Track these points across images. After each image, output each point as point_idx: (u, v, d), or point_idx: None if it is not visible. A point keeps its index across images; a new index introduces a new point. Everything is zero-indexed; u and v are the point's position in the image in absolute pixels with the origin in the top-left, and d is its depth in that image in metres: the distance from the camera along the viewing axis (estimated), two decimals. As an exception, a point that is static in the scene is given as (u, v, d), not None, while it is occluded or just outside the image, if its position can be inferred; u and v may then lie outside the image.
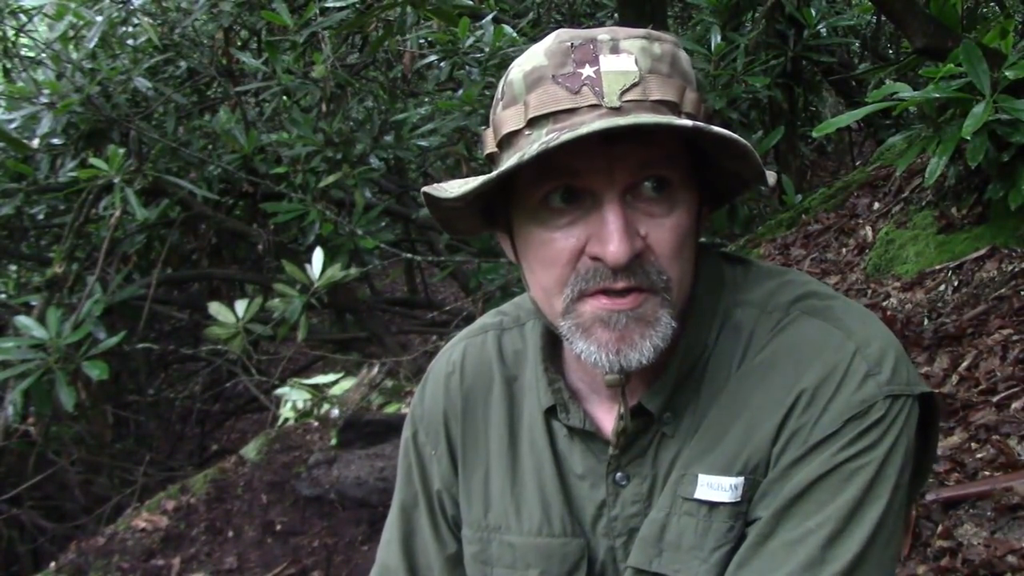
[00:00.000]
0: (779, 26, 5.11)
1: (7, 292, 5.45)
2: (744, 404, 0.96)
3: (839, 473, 0.92)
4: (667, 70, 0.91)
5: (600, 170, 0.89)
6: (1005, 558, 1.91)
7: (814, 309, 0.98)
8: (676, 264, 0.93)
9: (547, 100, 0.89)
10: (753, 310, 1.00)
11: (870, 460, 0.92)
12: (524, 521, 1.07)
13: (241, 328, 3.82)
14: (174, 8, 5.26)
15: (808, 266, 3.87)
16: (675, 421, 1.00)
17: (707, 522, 0.96)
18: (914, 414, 0.95)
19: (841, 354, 0.94)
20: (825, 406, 0.93)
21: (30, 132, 4.67)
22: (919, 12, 3.08)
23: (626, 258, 0.88)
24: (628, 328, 0.92)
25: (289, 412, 3.86)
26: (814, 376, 0.94)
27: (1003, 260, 3.01)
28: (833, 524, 0.91)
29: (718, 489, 0.96)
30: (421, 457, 1.16)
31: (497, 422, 1.10)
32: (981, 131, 2.62)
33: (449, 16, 4.49)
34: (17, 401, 3.81)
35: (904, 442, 0.94)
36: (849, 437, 0.92)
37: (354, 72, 5.60)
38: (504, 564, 1.08)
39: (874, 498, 0.92)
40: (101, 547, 3.20)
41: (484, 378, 1.12)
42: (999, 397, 2.42)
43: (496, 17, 4.88)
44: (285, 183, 4.75)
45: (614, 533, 1.03)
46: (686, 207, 0.94)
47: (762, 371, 0.97)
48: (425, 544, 1.15)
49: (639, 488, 1.01)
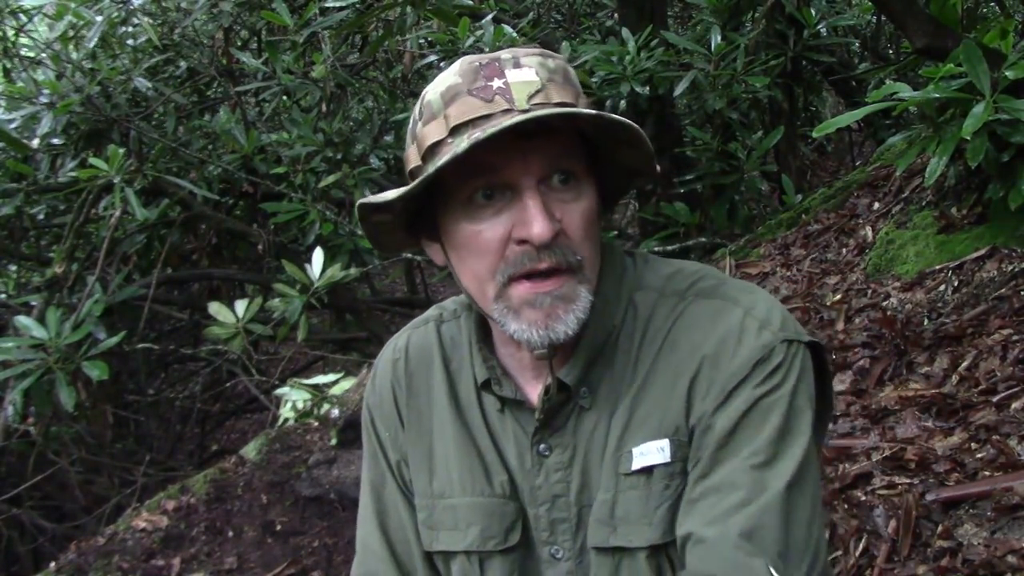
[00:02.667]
0: (779, 26, 5.11)
1: (7, 292, 5.45)
2: (655, 379, 1.09)
3: (758, 409, 1.03)
4: (561, 80, 1.05)
5: (516, 164, 1.02)
6: (1005, 558, 1.91)
7: (705, 291, 1.11)
8: (587, 245, 1.06)
9: (465, 110, 1.02)
10: (653, 294, 1.13)
11: (782, 395, 1.04)
12: (466, 484, 1.17)
13: (241, 328, 3.82)
14: (174, 8, 5.26)
15: (808, 266, 3.87)
16: (591, 395, 1.11)
17: (647, 488, 1.07)
18: (808, 359, 1.08)
19: (734, 320, 1.07)
20: (731, 360, 1.05)
21: (30, 132, 4.67)
22: (919, 12, 3.09)
23: (549, 235, 1.01)
24: (553, 306, 1.05)
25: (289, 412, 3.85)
26: (713, 341, 1.06)
27: (1003, 260, 3.01)
28: (764, 452, 1.02)
29: (649, 454, 1.07)
30: (380, 440, 1.26)
31: (439, 399, 1.22)
32: (981, 131, 2.62)
33: (449, 16, 4.49)
34: (17, 401, 3.81)
35: (806, 381, 1.07)
36: (760, 378, 1.04)
37: (354, 72, 5.60)
38: (447, 527, 1.18)
39: (794, 426, 1.04)
40: (101, 547, 3.20)
41: (426, 361, 1.24)
42: (999, 397, 2.42)
43: (496, 17, 4.87)
44: (285, 183, 4.75)
45: (538, 502, 1.14)
46: (589, 195, 1.08)
47: (667, 350, 1.09)
48: (399, 517, 1.24)
49: (561, 457, 1.12)
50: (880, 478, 2.28)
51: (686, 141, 5.23)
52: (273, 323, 3.95)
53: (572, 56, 4.74)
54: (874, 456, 2.37)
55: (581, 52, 4.78)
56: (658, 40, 4.68)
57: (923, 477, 2.24)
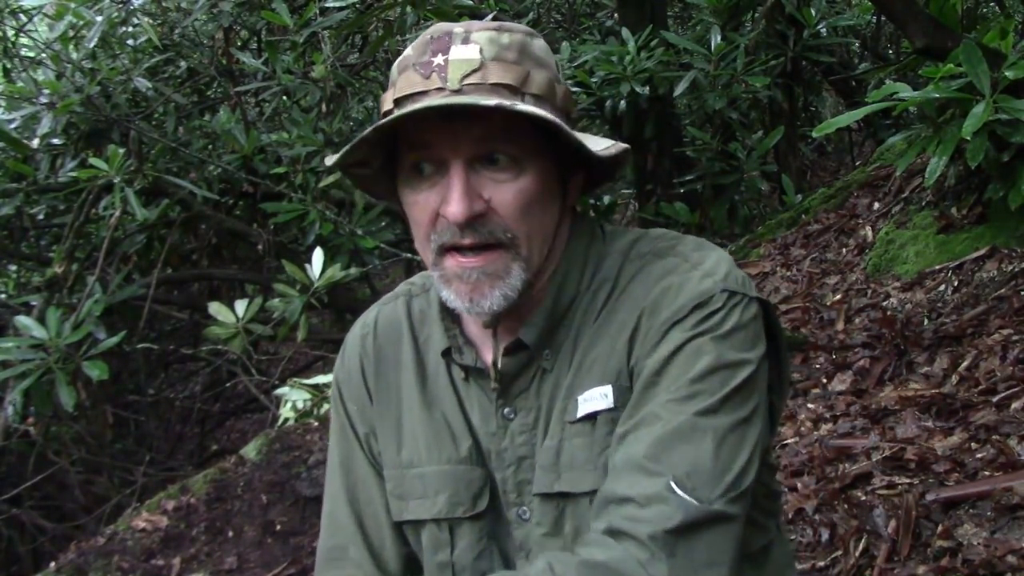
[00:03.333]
0: (779, 26, 5.11)
1: (7, 292, 5.44)
2: (604, 331, 1.11)
3: (688, 349, 1.04)
4: (514, 57, 1.06)
5: (446, 142, 1.04)
6: (1005, 558, 1.91)
7: (662, 251, 1.14)
8: (523, 222, 1.07)
9: (406, 84, 1.06)
10: (618, 258, 1.15)
11: (715, 337, 1.04)
12: (433, 452, 1.18)
13: (241, 328, 3.82)
14: (174, 8, 5.25)
15: (808, 266, 3.87)
16: (553, 357, 1.13)
17: (591, 435, 1.09)
18: (757, 314, 1.09)
19: (680, 272, 1.09)
20: (670, 306, 1.07)
21: (30, 132, 4.66)
22: (919, 12, 3.08)
23: (463, 216, 1.03)
24: (479, 281, 1.06)
25: (289, 412, 3.85)
26: (657, 292, 1.09)
27: (1003, 260, 3.01)
28: (688, 388, 1.02)
29: (592, 400, 1.09)
30: (349, 414, 1.27)
31: (407, 370, 1.23)
32: (981, 131, 2.62)
33: (449, 16, 4.49)
34: (17, 401, 3.81)
35: (748, 331, 1.07)
36: (695, 320, 1.05)
37: (354, 72, 5.60)
38: (416, 495, 1.19)
39: (727, 370, 1.03)
40: (101, 547, 3.20)
41: (395, 335, 1.26)
42: (999, 397, 2.42)
43: (496, 17, 4.87)
44: (285, 183, 4.75)
45: (504, 464, 1.15)
46: (535, 175, 1.07)
47: (619, 304, 1.11)
48: (368, 491, 1.24)
49: (525, 420, 1.14)
50: (880, 478, 2.28)
51: (686, 141, 5.23)
52: (273, 323, 3.95)
53: (572, 56, 4.74)
54: (874, 456, 2.37)
55: (581, 52, 4.79)
56: (658, 40, 4.68)
57: (923, 477, 2.24)
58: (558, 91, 1.10)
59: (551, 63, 1.11)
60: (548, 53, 1.11)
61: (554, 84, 1.09)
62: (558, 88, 1.10)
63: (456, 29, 1.07)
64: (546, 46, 1.12)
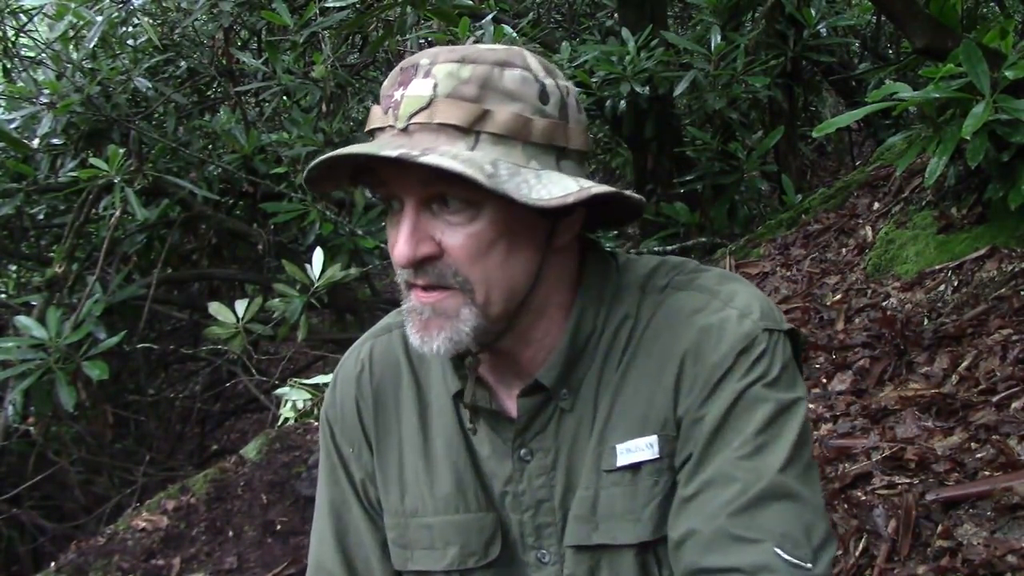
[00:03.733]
0: (779, 26, 5.11)
1: (7, 292, 5.45)
2: (639, 375, 1.07)
3: (745, 400, 1.01)
4: (472, 92, 0.98)
5: (398, 183, 1.01)
6: (1005, 558, 1.91)
7: (682, 284, 1.10)
8: (476, 268, 1.01)
9: (374, 118, 1.04)
10: (635, 292, 1.10)
11: (768, 383, 1.02)
12: (439, 501, 1.14)
13: (241, 328, 3.81)
14: (174, 8, 5.26)
15: (808, 266, 3.87)
16: (572, 396, 1.09)
17: (633, 485, 1.05)
18: (789, 344, 1.07)
19: (713, 311, 1.06)
20: (713, 351, 1.03)
21: (30, 132, 4.66)
22: (919, 12, 3.08)
23: (405, 260, 1.00)
24: (429, 320, 1.03)
25: (289, 412, 3.85)
26: (694, 334, 1.05)
27: (1003, 260, 3.01)
28: (754, 442, 1.00)
29: (636, 451, 1.05)
30: (342, 456, 1.22)
31: (408, 412, 1.18)
32: (981, 131, 2.62)
33: (449, 16, 4.49)
34: (17, 401, 3.81)
35: (792, 368, 1.06)
36: (744, 367, 1.02)
37: (354, 72, 5.61)
38: (422, 546, 1.15)
39: (784, 413, 1.02)
40: (101, 547, 3.20)
41: (392, 372, 1.20)
42: (999, 397, 2.42)
43: (496, 17, 4.87)
44: (285, 183, 4.75)
45: (521, 508, 1.11)
46: (493, 218, 1.00)
47: (648, 345, 1.07)
48: (359, 538, 1.20)
49: (543, 461, 1.10)
50: (880, 478, 2.28)
51: (686, 141, 5.23)
52: (273, 323, 3.95)
53: (572, 56, 4.74)
54: (874, 456, 2.37)
55: (581, 52, 4.78)
56: (658, 40, 4.68)
57: (923, 477, 2.24)
58: (536, 126, 1.00)
59: (526, 95, 1.00)
60: (524, 84, 1.00)
61: (528, 119, 0.99)
62: (537, 122, 1.00)
63: (422, 60, 1.01)
64: (523, 76, 1.01)
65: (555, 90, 1.03)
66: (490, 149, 0.98)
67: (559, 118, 1.02)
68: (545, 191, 0.97)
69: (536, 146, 1.00)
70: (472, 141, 0.98)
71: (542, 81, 1.02)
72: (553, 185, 0.98)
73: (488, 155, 0.97)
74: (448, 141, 0.97)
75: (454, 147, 0.97)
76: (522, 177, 0.97)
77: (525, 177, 0.97)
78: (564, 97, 1.03)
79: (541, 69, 1.03)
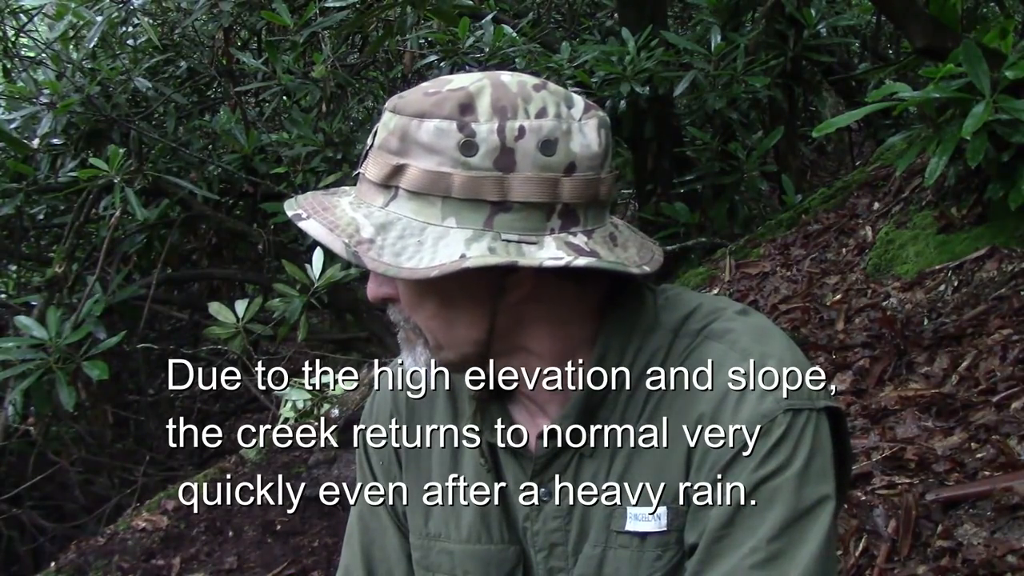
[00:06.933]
0: (779, 26, 5.10)
1: (7, 292, 5.45)
2: (658, 434, 1.01)
3: (760, 494, 0.93)
4: (395, 146, 0.95)
5: None
6: (1005, 558, 1.91)
7: (715, 333, 1.02)
8: (419, 316, 1.02)
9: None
10: (668, 334, 1.03)
11: (788, 477, 0.93)
12: (463, 529, 1.12)
13: (241, 328, 3.81)
14: (174, 8, 5.26)
15: (808, 266, 3.87)
16: (592, 441, 1.04)
17: (639, 552, 1.01)
18: (823, 427, 0.96)
19: (736, 375, 0.97)
20: (728, 423, 0.95)
21: (30, 132, 4.66)
22: (919, 12, 3.09)
23: (370, 299, 1.03)
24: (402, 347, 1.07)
25: (289, 412, 3.85)
26: (713, 398, 0.97)
27: (1003, 260, 3.01)
28: (767, 548, 0.92)
29: (644, 520, 1.01)
30: (372, 466, 1.21)
31: (439, 436, 1.15)
32: (981, 131, 2.62)
33: (449, 16, 4.49)
34: (17, 401, 3.81)
35: (820, 456, 0.95)
36: (761, 454, 0.94)
37: (354, 72, 5.60)
38: (443, 571, 1.13)
39: (804, 514, 0.92)
40: (101, 547, 3.20)
41: (429, 393, 1.17)
42: (999, 397, 2.42)
43: (496, 17, 4.88)
44: (285, 183, 4.75)
45: (536, 547, 1.08)
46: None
47: (670, 398, 1.01)
48: (385, 552, 1.20)
49: (560, 504, 1.06)
50: (880, 478, 2.28)
51: (686, 141, 5.23)
52: (273, 323, 3.95)
53: (572, 56, 4.74)
54: (874, 456, 2.37)
55: (581, 52, 4.78)
56: (658, 40, 4.68)
57: (923, 477, 2.24)
58: (454, 180, 0.92)
59: (443, 147, 0.92)
60: (440, 136, 0.92)
61: (445, 173, 0.92)
62: (456, 176, 0.92)
63: (389, 103, 0.98)
64: (440, 128, 0.92)
65: (493, 138, 0.92)
66: (404, 205, 0.94)
67: (492, 169, 0.92)
68: (426, 258, 0.92)
69: (460, 201, 0.92)
70: (389, 196, 0.95)
71: (473, 129, 0.92)
72: (440, 252, 0.92)
73: (398, 212, 0.94)
74: (372, 195, 0.97)
75: (375, 202, 0.96)
76: (413, 240, 0.93)
77: (417, 239, 0.93)
78: (510, 143, 0.92)
79: (494, 111, 0.93)
